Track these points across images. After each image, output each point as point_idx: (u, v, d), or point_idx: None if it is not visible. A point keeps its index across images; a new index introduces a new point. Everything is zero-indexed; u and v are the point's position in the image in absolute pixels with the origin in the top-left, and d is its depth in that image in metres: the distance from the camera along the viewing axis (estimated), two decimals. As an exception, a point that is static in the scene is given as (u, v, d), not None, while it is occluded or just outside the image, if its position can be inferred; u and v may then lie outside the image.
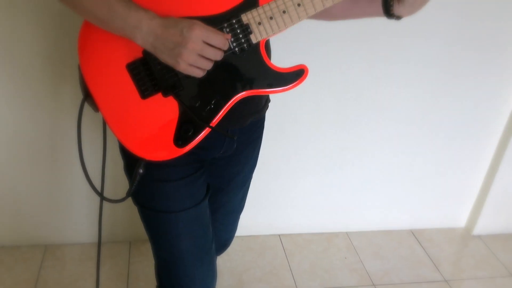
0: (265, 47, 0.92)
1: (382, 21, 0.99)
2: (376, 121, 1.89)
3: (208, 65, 0.85)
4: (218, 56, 0.84)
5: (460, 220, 2.22)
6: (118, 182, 1.57)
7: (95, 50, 0.88)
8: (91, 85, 0.89)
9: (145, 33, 0.82)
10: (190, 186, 1.03)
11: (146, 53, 0.86)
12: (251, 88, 0.92)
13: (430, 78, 1.84)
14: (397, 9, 0.93)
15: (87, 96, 0.90)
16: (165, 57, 0.83)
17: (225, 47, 0.85)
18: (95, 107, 0.91)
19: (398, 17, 0.95)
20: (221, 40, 0.83)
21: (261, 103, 1.09)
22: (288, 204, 2.03)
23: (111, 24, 0.83)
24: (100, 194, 1.03)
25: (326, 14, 0.95)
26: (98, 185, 1.02)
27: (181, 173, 1.01)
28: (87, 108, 0.93)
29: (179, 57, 0.81)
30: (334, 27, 1.61)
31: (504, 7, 1.74)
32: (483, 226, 2.15)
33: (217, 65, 0.87)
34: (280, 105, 1.71)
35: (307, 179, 1.98)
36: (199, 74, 0.85)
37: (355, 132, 1.90)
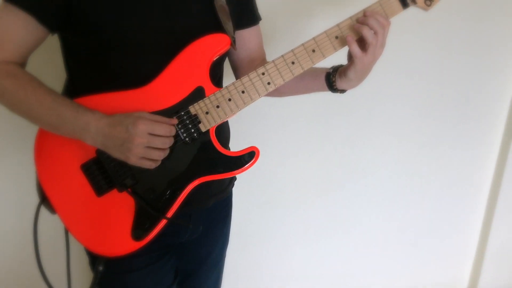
0: (217, 133, 0.95)
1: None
2: (362, 187, 1.88)
3: (159, 155, 0.86)
4: (166, 144, 0.86)
5: (462, 280, 2.14)
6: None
7: (50, 154, 0.92)
8: (46, 189, 0.91)
9: (93, 133, 0.85)
10: (156, 274, 1.02)
11: (99, 153, 0.89)
12: (204, 174, 0.93)
13: (410, 142, 1.85)
14: (339, 84, 0.97)
15: (44, 200, 0.92)
16: (116, 153, 0.86)
17: (172, 133, 0.87)
18: (52, 209, 0.92)
19: (342, 91, 0.99)
20: (166, 129, 0.86)
21: (225, 183, 1.10)
22: (283, 276, 1.97)
23: (61, 128, 0.87)
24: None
25: (274, 93, 0.99)
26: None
27: (145, 261, 1.00)
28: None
29: (128, 152, 0.84)
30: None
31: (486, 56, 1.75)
32: (486, 284, 2.07)
33: (170, 155, 0.90)
34: (265, 176, 1.72)
35: (300, 249, 1.94)
36: (151, 165, 0.87)
37: (342, 199, 1.89)
